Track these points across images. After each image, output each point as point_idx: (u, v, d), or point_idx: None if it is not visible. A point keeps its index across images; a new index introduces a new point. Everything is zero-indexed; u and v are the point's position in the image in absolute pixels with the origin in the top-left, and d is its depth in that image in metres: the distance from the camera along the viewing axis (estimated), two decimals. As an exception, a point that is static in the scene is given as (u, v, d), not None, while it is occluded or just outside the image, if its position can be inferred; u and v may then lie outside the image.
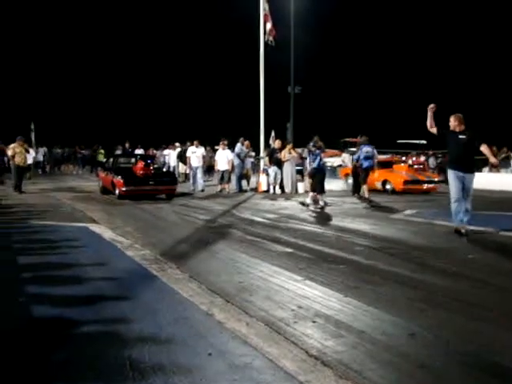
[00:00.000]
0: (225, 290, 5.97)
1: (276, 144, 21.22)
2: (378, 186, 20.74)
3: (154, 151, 33.48)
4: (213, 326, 4.67)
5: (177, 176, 23.05)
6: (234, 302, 5.51)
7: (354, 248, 8.73)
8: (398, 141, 23.00)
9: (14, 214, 12.79)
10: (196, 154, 21.51)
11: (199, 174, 21.36)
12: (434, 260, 7.79)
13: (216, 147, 23.48)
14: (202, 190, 20.91)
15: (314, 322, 4.94)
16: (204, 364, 3.82)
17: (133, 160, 19.62)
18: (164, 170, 20.38)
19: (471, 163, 10.20)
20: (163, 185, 17.97)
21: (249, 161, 21.96)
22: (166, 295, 5.67)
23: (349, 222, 11.91)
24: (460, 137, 10.06)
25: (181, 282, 6.26)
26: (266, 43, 22.16)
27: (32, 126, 37.16)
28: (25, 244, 8.68)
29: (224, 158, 20.80)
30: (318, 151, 15.77)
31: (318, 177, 15.76)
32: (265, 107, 22.42)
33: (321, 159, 15.78)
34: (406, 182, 20.34)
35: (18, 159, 19.04)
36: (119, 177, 17.33)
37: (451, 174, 10.11)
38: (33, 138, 36.45)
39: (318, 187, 15.82)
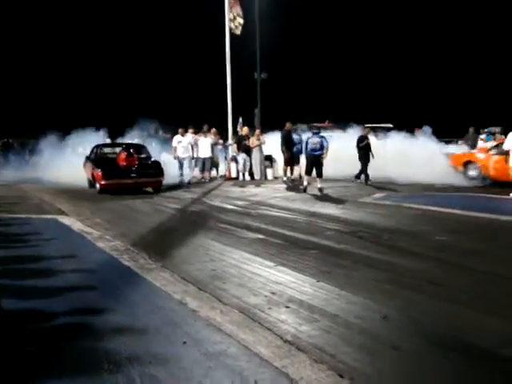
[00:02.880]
0: (198, 279, 5.96)
1: (244, 131, 21.21)
2: None
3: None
4: (187, 314, 4.67)
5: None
6: (207, 289, 5.51)
7: (324, 233, 8.78)
8: (365, 125, 23.17)
9: (-20, 208, 12.57)
10: (182, 143, 20.15)
11: (186, 165, 20.12)
12: (404, 242, 7.89)
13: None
14: (189, 182, 19.63)
15: (287, 307, 4.97)
16: (179, 353, 3.83)
17: (117, 150, 17.99)
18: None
19: None
20: (147, 177, 16.54)
21: (217, 148, 21.79)
22: (138, 285, 5.65)
23: (319, 207, 11.98)
24: None
25: (153, 271, 6.24)
26: (231, 32, 22.10)
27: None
28: (-8, 238, 8.55)
29: (205, 145, 20.48)
30: (310, 135, 15.68)
31: (307, 160, 15.67)
32: (232, 94, 22.34)
33: (308, 143, 15.41)
34: None
35: None
36: (99, 169, 16.16)
37: None
38: None
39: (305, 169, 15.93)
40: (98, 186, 16.19)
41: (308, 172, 15.52)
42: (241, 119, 23.50)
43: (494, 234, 8.60)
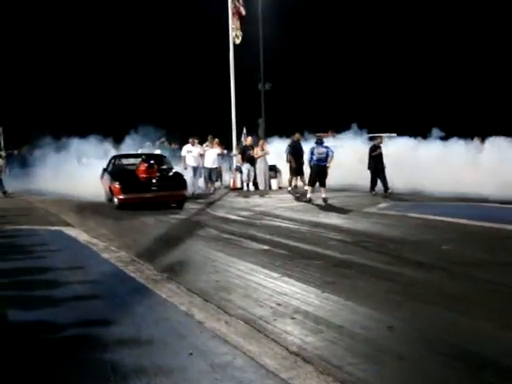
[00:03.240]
0: (203, 290, 5.98)
1: (248, 141, 21.24)
2: None
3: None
4: (193, 326, 4.68)
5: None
6: (212, 301, 5.52)
7: (329, 243, 8.79)
8: (369, 135, 23.14)
9: (-14, 220, 12.60)
10: (192, 153, 19.69)
11: (197, 175, 19.76)
12: (409, 252, 7.89)
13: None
14: (193, 193, 18.85)
15: (293, 318, 4.97)
16: (185, 364, 3.84)
17: (137, 161, 16.67)
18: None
19: None
20: (168, 190, 15.12)
21: (221, 158, 21.71)
22: (144, 297, 5.66)
23: (323, 217, 11.98)
24: None
25: (159, 282, 6.25)
26: (235, 42, 22.19)
27: (0, 130, 36.71)
28: (-1, 249, 8.59)
29: (211, 156, 20.38)
30: (315, 145, 15.67)
31: (312, 170, 15.70)
32: (236, 104, 22.38)
33: (313, 153, 15.32)
34: None
35: None
36: (117, 182, 14.92)
37: None
38: (2, 142, 35.98)
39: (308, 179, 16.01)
40: (116, 200, 14.90)
41: (312, 182, 15.53)
42: (245, 129, 23.54)
43: (499, 243, 8.59)
